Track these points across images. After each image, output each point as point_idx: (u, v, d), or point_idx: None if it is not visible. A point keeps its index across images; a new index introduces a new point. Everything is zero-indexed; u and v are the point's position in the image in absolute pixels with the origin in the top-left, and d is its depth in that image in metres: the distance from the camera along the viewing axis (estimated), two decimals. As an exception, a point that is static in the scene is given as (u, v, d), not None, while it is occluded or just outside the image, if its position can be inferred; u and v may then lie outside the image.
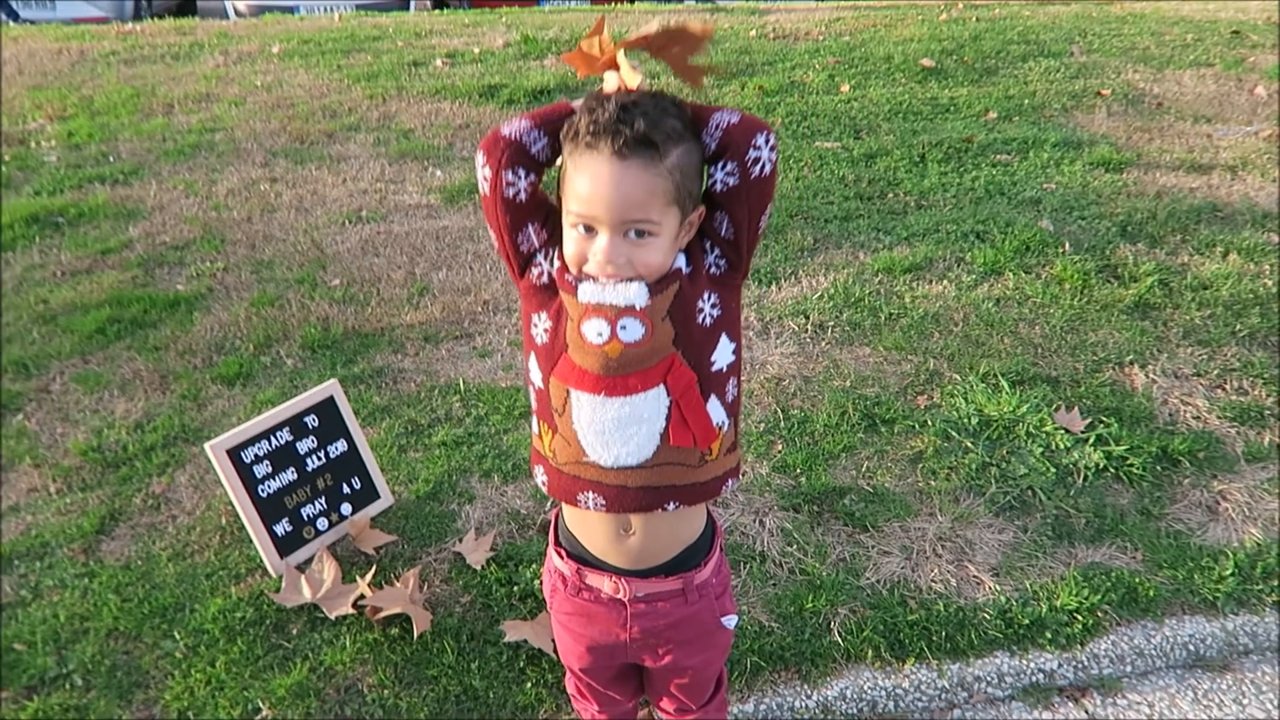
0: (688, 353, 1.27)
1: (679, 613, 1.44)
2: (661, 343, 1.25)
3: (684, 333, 1.26)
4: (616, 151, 1.15)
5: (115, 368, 3.10)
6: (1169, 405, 2.93)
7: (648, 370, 1.25)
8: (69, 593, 2.24)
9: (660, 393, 1.26)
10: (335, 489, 2.40)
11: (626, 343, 1.24)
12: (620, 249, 1.19)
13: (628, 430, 1.27)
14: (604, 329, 1.24)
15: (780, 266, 3.72)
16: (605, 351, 1.24)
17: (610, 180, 1.16)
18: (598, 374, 1.25)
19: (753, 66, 6.65)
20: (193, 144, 5.08)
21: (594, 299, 1.23)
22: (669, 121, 1.17)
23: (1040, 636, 2.23)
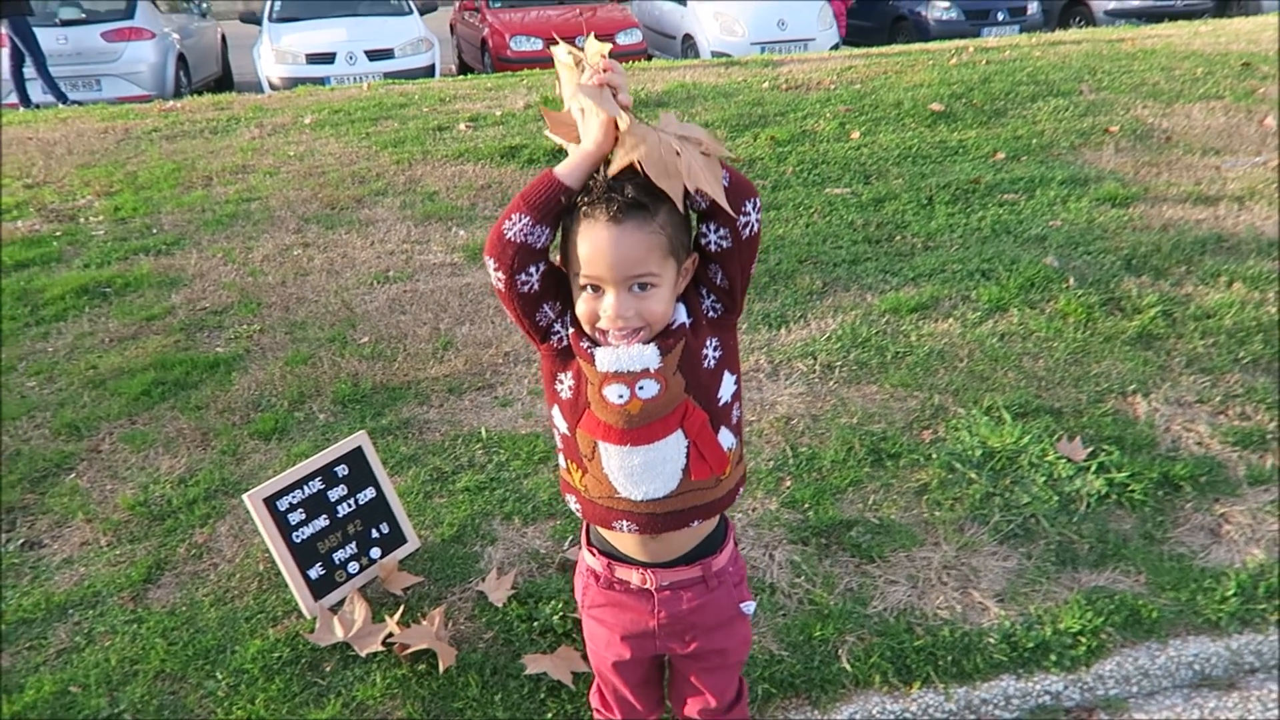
0: (698, 395, 1.44)
1: (701, 599, 1.59)
2: (675, 394, 1.42)
3: (693, 380, 1.42)
4: (612, 217, 1.30)
5: (160, 427, 3.29)
6: (1171, 432, 3.00)
7: (666, 418, 1.42)
8: (119, 638, 2.38)
9: (679, 436, 1.43)
10: (365, 534, 2.54)
11: (645, 400, 1.40)
12: (627, 303, 1.34)
13: (653, 471, 1.45)
14: (624, 391, 1.40)
15: (789, 310, 3.85)
16: (627, 410, 1.41)
17: (610, 243, 1.31)
18: (622, 428, 1.42)
19: (765, 118, 6.84)
20: (230, 214, 5.33)
21: (612, 367, 1.39)
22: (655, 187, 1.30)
23: (1045, 659, 2.30)
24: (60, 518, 2.86)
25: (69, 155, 6.87)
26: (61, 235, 5.18)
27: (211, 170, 6.22)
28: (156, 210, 5.50)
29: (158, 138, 7.23)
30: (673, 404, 1.42)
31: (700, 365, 1.43)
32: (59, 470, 3.10)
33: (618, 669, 1.70)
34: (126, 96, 10.41)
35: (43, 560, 2.69)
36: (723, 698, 1.73)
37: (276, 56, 10.86)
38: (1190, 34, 9.96)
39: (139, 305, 4.25)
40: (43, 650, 2.37)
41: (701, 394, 1.44)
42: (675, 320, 1.41)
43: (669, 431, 1.43)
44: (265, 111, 7.91)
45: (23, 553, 2.73)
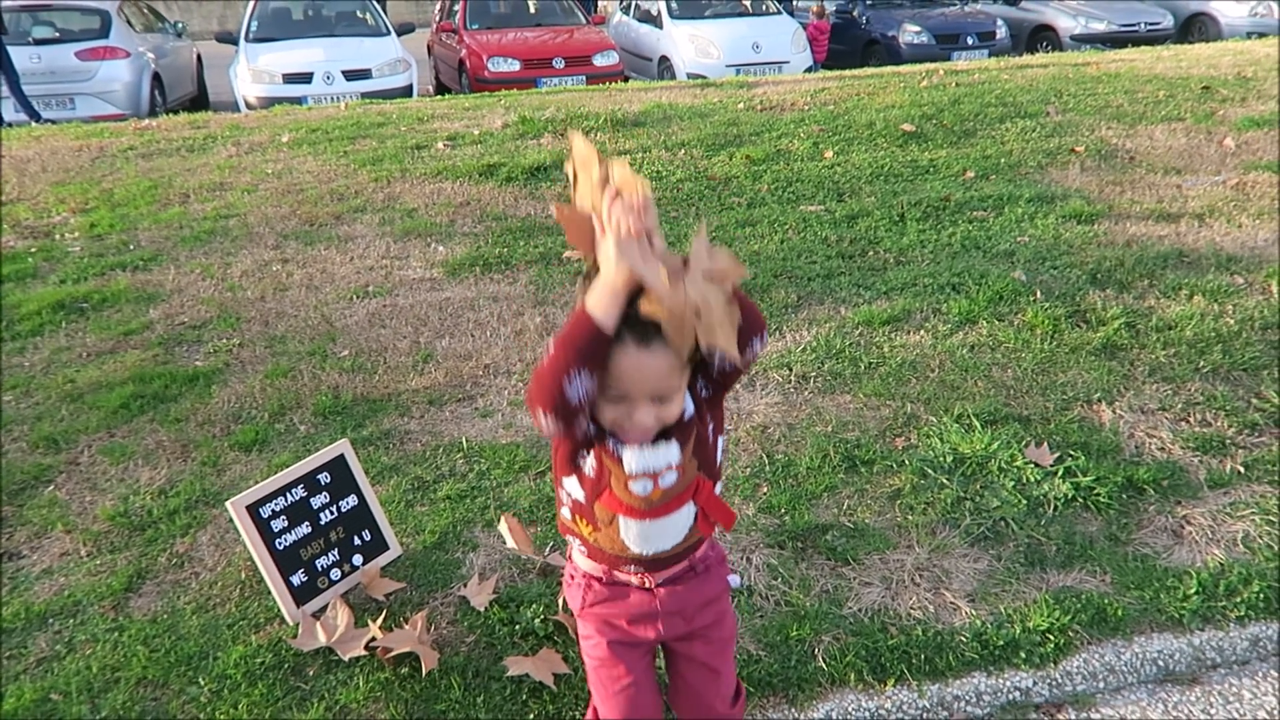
0: (706, 470, 1.60)
1: (694, 585, 1.72)
2: (690, 475, 1.58)
3: (703, 458, 1.58)
4: (639, 343, 1.40)
5: (139, 439, 3.29)
6: (1135, 438, 3.08)
7: (679, 497, 1.58)
8: (100, 646, 2.39)
9: (689, 506, 1.60)
10: (347, 541, 2.57)
11: (666, 488, 1.55)
12: (650, 415, 1.47)
13: (666, 533, 1.61)
14: (648, 485, 1.54)
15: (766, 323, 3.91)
16: (650, 498, 1.55)
17: (638, 367, 1.41)
18: (642, 509, 1.57)
19: (740, 137, 6.95)
20: (208, 230, 5.35)
21: (639, 468, 1.51)
22: None
23: (1015, 657, 2.36)
24: (39, 529, 2.86)
25: (43, 173, 6.85)
26: (37, 251, 5.17)
27: (189, 187, 6.23)
28: (133, 227, 5.50)
29: (133, 156, 7.23)
30: (688, 484, 1.59)
31: (707, 445, 1.58)
32: (37, 482, 3.10)
33: (622, 656, 1.75)
34: (101, 115, 10.39)
35: (22, 571, 2.69)
36: (728, 681, 1.83)
37: (253, 76, 10.87)
38: (1153, 59, 10.21)
39: (116, 320, 4.26)
40: (23, 659, 2.37)
41: (708, 468, 1.61)
42: (686, 412, 1.54)
43: (683, 504, 1.59)
44: (242, 130, 7.93)
45: (2, 563, 2.73)
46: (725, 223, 5.16)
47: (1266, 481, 2.88)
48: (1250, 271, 4.24)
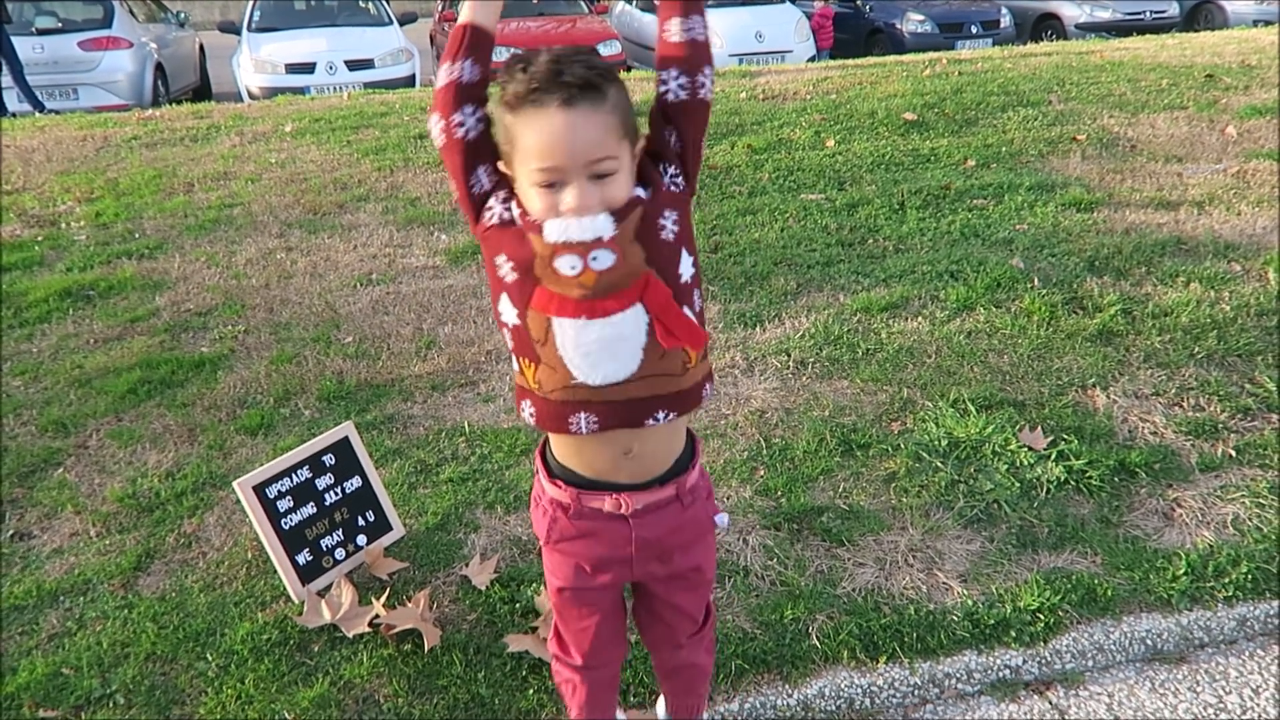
0: (659, 268, 1.36)
1: (677, 518, 1.56)
2: (633, 265, 1.33)
3: (653, 251, 1.35)
4: (565, 101, 1.23)
5: (147, 424, 3.34)
6: (1128, 423, 3.12)
7: (623, 291, 1.33)
8: (110, 623, 2.44)
9: (638, 310, 1.34)
10: (351, 522, 2.62)
11: (599, 271, 1.31)
12: (591, 193, 1.28)
13: (611, 348, 1.35)
14: (576, 263, 1.31)
15: (765, 310, 3.95)
16: (580, 281, 1.31)
17: (567, 128, 1.23)
18: (575, 300, 1.32)
19: (742, 126, 6.97)
20: (212, 219, 5.39)
21: (562, 237, 1.30)
22: (600, 65, 1.29)
23: (1005, 635, 2.40)
24: (49, 510, 2.92)
25: (48, 162, 6.89)
26: (43, 240, 5.22)
27: (193, 177, 6.27)
28: (138, 216, 5.55)
29: (137, 145, 7.26)
30: (631, 276, 1.33)
31: (658, 235, 1.35)
32: (47, 465, 3.15)
33: (586, 600, 1.64)
34: (104, 106, 10.42)
35: (33, 550, 2.75)
36: (699, 616, 1.74)
37: (256, 66, 10.90)
38: (1157, 47, 10.20)
39: (123, 307, 4.31)
40: (35, 635, 2.42)
41: (663, 267, 1.36)
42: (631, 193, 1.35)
43: (626, 305, 1.33)
44: (245, 120, 7.96)
45: (13, 543, 2.78)
46: (726, 211, 5.19)
47: (1258, 465, 2.92)
48: (1248, 259, 4.27)
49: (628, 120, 1.32)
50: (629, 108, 1.34)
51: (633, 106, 1.36)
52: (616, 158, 1.29)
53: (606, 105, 1.27)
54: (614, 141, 1.28)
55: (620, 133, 1.30)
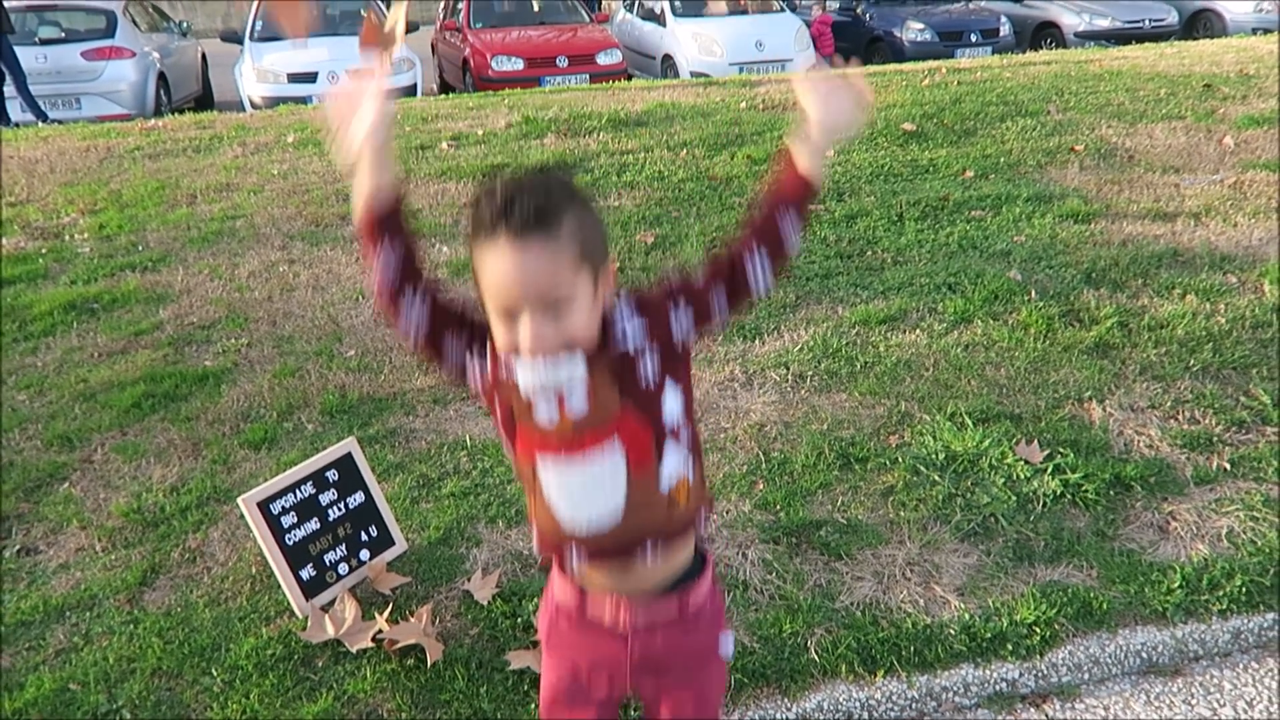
0: (639, 403, 1.35)
1: (678, 640, 1.50)
2: (608, 406, 1.33)
3: (629, 390, 1.34)
4: (515, 235, 1.22)
5: (151, 438, 3.38)
6: (1124, 436, 3.15)
7: (599, 429, 1.34)
8: (116, 638, 2.47)
9: (616, 449, 1.35)
10: (354, 537, 2.64)
11: (575, 418, 1.33)
12: (544, 326, 1.26)
13: (594, 490, 1.36)
14: (552, 407, 1.33)
15: (764, 323, 3.98)
16: (559, 427, 1.34)
17: (516, 265, 1.23)
18: (555, 445, 1.35)
19: (742, 137, 7.00)
20: (215, 231, 5.42)
21: (534, 381, 1.31)
22: (556, 196, 1.26)
23: (1002, 649, 2.43)
24: (55, 525, 2.95)
25: (51, 173, 6.93)
26: (47, 252, 5.25)
27: (195, 188, 6.30)
28: (142, 228, 5.58)
29: (140, 156, 7.30)
30: (607, 414, 1.34)
31: (637, 382, 1.35)
32: (52, 480, 3.18)
33: (578, 703, 1.57)
34: (106, 115, 10.48)
35: (39, 565, 2.77)
36: None
37: (258, 75, 10.95)
38: (1156, 56, 10.24)
39: (127, 321, 4.34)
40: (42, 650, 2.45)
41: (640, 405, 1.36)
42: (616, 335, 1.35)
43: (602, 440, 1.34)
44: (248, 130, 8.01)
45: (19, 559, 2.81)
46: (726, 223, 5.22)
47: (1252, 478, 2.95)
48: (1244, 270, 4.30)
49: (588, 245, 1.28)
50: (592, 231, 1.31)
51: (599, 226, 1.35)
52: (571, 289, 1.27)
53: (560, 235, 1.25)
54: (568, 273, 1.26)
55: (576, 261, 1.26)
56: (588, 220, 1.31)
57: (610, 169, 6.27)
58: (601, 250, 1.33)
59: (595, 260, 1.30)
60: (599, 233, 1.34)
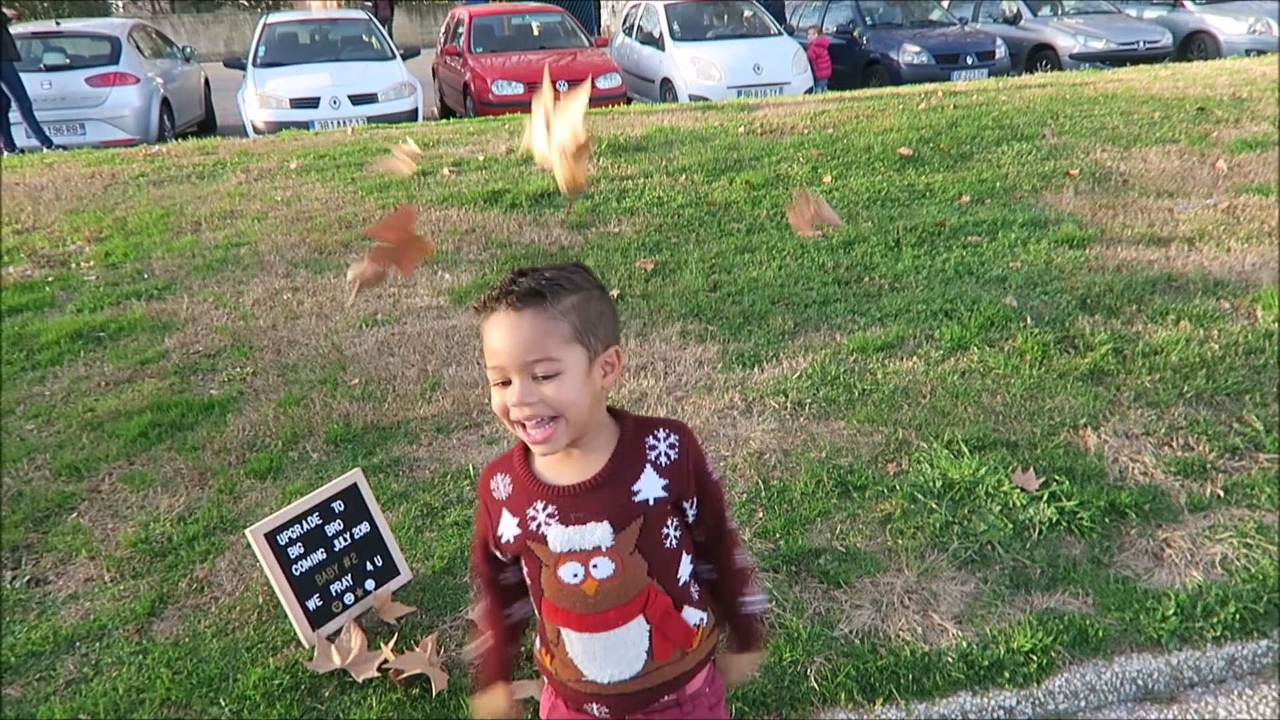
0: (661, 579, 1.44)
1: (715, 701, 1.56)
2: (634, 575, 1.41)
3: (654, 561, 1.42)
4: (510, 305, 1.33)
5: (158, 467, 3.42)
6: (1119, 463, 3.19)
7: (625, 605, 1.42)
8: (126, 668, 2.50)
9: (640, 622, 1.43)
10: (360, 567, 2.68)
11: (601, 579, 1.40)
12: (530, 390, 1.34)
13: (615, 655, 1.45)
14: (579, 570, 1.40)
15: (763, 349, 4.03)
16: (583, 590, 1.40)
17: (508, 330, 1.33)
18: (580, 613, 1.42)
19: (741, 162, 7.08)
20: (220, 259, 5.48)
21: (564, 546, 1.40)
22: (562, 278, 1.37)
23: (1000, 677, 2.46)
24: (64, 555, 2.98)
25: (57, 201, 7.01)
26: (54, 281, 5.31)
27: (200, 215, 6.37)
28: (147, 255, 5.64)
29: (145, 183, 7.38)
30: (633, 588, 1.41)
31: (661, 546, 1.43)
32: (61, 510, 3.22)
33: None
34: (110, 141, 10.58)
35: (49, 596, 2.81)
36: None
37: (261, 101, 11.06)
38: (1150, 78, 10.34)
39: (133, 349, 4.39)
40: (52, 681, 2.48)
41: (663, 575, 1.44)
42: (638, 495, 1.41)
43: (628, 618, 1.42)
44: (251, 156, 8.09)
45: (29, 589, 2.85)
46: (725, 249, 5.28)
47: (1245, 505, 2.99)
48: (1236, 296, 4.35)
49: (584, 325, 1.36)
50: (593, 314, 1.38)
51: (606, 315, 1.41)
52: (558, 359, 1.34)
53: (552, 311, 1.34)
54: (556, 344, 1.34)
55: (567, 338, 1.34)
56: (592, 305, 1.38)
57: (610, 194, 6.33)
58: (602, 335, 1.39)
59: (590, 341, 1.37)
60: (603, 319, 1.40)
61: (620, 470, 1.42)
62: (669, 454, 1.44)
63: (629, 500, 1.40)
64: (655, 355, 4.08)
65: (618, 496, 1.41)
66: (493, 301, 1.36)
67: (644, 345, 4.18)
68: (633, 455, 1.43)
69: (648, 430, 1.45)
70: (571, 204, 2.32)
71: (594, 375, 1.38)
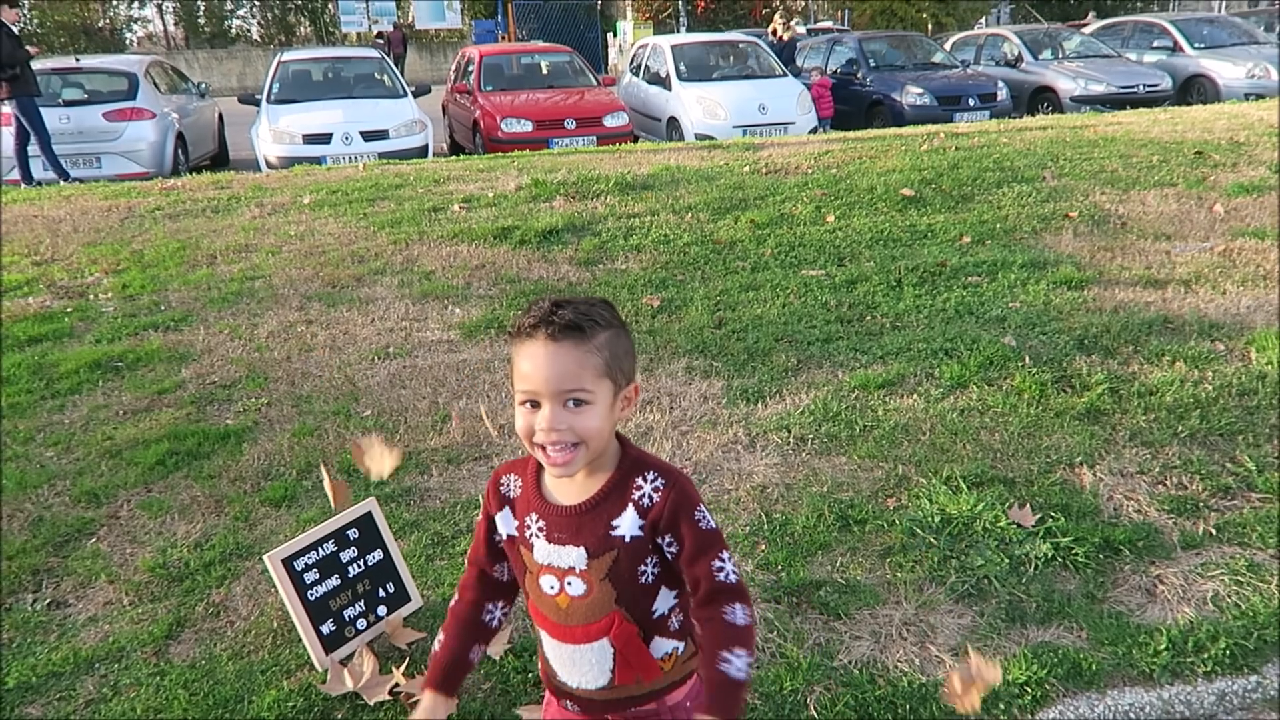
0: (629, 608, 1.51)
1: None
2: (602, 601, 1.49)
3: (623, 591, 1.50)
4: (549, 336, 1.40)
5: (175, 494, 3.50)
6: (1113, 500, 3.26)
7: (591, 625, 1.51)
8: (144, 690, 2.57)
9: (605, 644, 1.51)
10: (373, 593, 2.76)
11: (573, 596, 1.50)
12: (561, 417, 1.41)
13: (582, 666, 1.55)
14: (555, 583, 1.52)
15: (766, 386, 4.12)
16: (557, 602, 1.52)
17: (547, 359, 1.40)
18: (554, 621, 1.54)
19: (746, 201, 7.21)
20: (235, 291, 5.60)
21: (545, 560, 1.51)
22: (596, 313, 1.44)
23: (994, 708, 2.52)
24: (84, 579, 3.06)
25: (75, 233, 7.15)
26: (72, 311, 5.43)
27: (215, 249, 6.50)
28: (163, 288, 5.77)
29: (160, 216, 7.53)
30: (600, 612, 1.50)
31: (634, 580, 1.49)
32: (80, 535, 3.30)
33: None
34: (126, 174, 10.77)
35: (69, 618, 2.89)
36: None
37: (274, 136, 11.24)
38: (1149, 122, 10.51)
39: (150, 379, 4.49)
40: (72, 700, 2.55)
41: (633, 606, 1.51)
42: (616, 530, 1.48)
43: (593, 639, 1.51)
44: (265, 191, 8.25)
45: (49, 611, 2.92)
46: (730, 287, 5.39)
47: (1237, 543, 3.05)
48: (1231, 338, 4.44)
49: (614, 361, 1.45)
50: (621, 351, 1.47)
51: (630, 352, 1.50)
52: (591, 391, 1.42)
53: (589, 345, 1.42)
54: (590, 377, 1.42)
55: (598, 371, 1.43)
56: (620, 342, 1.47)
57: (617, 232, 6.46)
58: (626, 371, 1.48)
59: (618, 377, 1.46)
60: (628, 356, 1.49)
61: (605, 504, 1.50)
62: (652, 496, 1.49)
63: (606, 533, 1.48)
64: (661, 390, 4.17)
65: (596, 528, 1.49)
66: (531, 329, 1.42)
67: (650, 380, 4.27)
68: (620, 491, 1.50)
69: (640, 470, 1.51)
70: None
71: (615, 408, 1.47)
